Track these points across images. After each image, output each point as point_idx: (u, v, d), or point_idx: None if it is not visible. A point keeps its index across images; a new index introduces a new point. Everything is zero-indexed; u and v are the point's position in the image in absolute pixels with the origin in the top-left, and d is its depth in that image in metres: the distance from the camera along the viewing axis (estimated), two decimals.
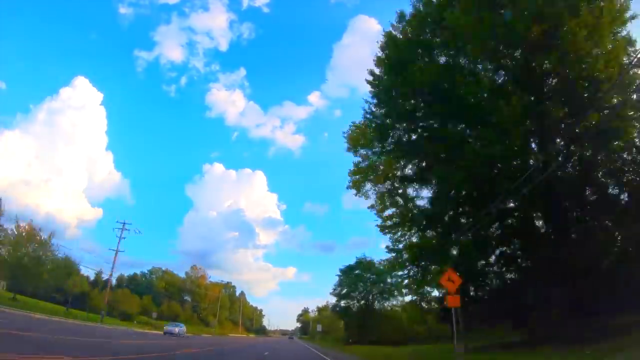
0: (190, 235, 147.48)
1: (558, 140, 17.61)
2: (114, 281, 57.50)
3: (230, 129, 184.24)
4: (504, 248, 20.70)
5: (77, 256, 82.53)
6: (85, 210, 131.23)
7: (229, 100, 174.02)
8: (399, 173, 24.02)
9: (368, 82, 21.09)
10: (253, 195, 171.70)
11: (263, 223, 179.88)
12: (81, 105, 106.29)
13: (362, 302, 52.31)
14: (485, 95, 17.50)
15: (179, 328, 39.33)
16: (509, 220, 19.97)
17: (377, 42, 20.57)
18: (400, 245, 25.20)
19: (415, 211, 23.55)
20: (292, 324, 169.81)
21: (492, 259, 21.21)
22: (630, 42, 16.35)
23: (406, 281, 31.82)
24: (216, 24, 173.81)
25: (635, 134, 16.70)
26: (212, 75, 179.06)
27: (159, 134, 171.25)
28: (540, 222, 19.43)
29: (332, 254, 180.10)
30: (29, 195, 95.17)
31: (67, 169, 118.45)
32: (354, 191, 27.20)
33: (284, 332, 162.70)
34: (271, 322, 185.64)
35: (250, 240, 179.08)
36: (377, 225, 25.90)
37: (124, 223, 45.52)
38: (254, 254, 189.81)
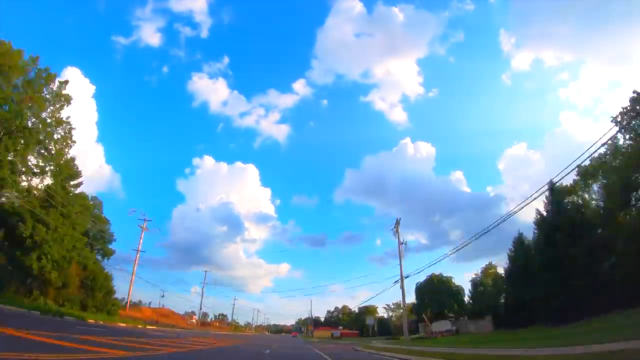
0: (181, 230, 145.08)
1: None
2: None
3: (215, 120, 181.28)
4: None
5: None
6: None
7: (212, 89, 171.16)
8: None
9: None
10: (246, 190, 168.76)
11: (255, 218, 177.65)
12: (72, 96, 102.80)
13: None
14: None
15: None
16: None
17: None
18: None
19: None
20: (289, 321, 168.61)
21: None
22: None
23: None
24: (195, 7, 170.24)
25: None
26: (195, 64, 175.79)
27: (147, 126, 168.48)
28: None
29: (324, 249, 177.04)
30: None
31: None
32: None
33: (278, 330, 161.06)
34: (269, 318, 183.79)
35: (241, 235, 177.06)
36: None
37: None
38: (246, 250, 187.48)
